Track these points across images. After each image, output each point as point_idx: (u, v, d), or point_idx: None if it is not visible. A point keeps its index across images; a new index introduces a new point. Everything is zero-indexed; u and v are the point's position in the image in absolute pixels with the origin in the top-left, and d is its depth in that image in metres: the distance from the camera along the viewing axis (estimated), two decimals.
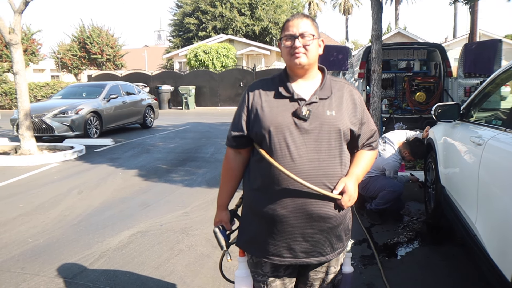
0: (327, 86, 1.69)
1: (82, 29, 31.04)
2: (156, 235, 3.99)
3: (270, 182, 1.63)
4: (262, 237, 1.71)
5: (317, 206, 1.62)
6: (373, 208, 4.28)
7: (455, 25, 33.71)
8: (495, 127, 2.57)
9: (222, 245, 1.82)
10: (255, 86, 1.74)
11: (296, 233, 1.66)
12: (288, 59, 1.67)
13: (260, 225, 1.71)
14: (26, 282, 3.09)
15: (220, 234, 1.83)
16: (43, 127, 9.73)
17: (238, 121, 1.73)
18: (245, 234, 1.80)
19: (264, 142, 1.64)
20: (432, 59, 8.35)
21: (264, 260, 1.74)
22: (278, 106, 1.65)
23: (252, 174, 1.73)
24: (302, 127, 1.61)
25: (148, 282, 3.09)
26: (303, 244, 1.68)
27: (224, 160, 1.85)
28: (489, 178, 2.38)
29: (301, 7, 40.56)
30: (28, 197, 5.39)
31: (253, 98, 1.70)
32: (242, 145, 1.75)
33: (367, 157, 1.79)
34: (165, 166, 7.10)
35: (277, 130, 1.61)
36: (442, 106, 3.41)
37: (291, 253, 1.69)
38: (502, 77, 3.00)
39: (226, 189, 1.86)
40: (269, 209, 1.65)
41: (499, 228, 2.14)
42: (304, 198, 1.61)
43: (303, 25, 1.64)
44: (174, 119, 15.42)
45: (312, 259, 1.72)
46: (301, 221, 1.64)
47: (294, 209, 1.62)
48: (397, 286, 2.98)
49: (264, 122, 1.63)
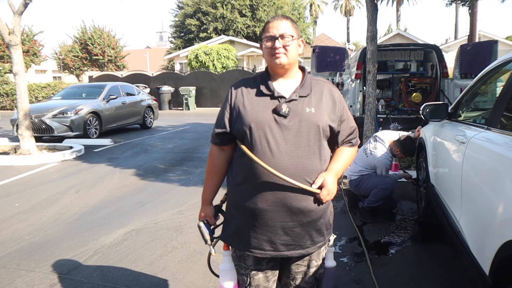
0: (307, 84, 1.75)
1: (83, 30, 31.15)
2: (150, 232, 4.05)
3: (251, 177, 1.69)
4: (244, 231, 1.76)
5: (296, 200, 1.68)
6: (366, 206, 4.33)
7: (456, 26, 33.79)
8: (479, 126, 2.62)
9: (206, 239, 1.89)
10: (238, 85, 1.80)
11: (276, 227, 1.71)
12: (269, 59, 1.73)
13: (242, 219, 1.76)
14: (21, 278, 3.15)
15: (204, 229, 1.90)
16: (43, 127, 9.80)
17: (221, 118, 1.79)
18: (228, 228, 1.85)
19: (246, 138, 1.70)
20: (429, 60, 8.40)
21: (247, 253, 1.79)
22: (259, 104, 1.70)
23: (235, 170, 1.79)
24: (282, 123, 1.66)
25: (140, 277, 3.14)
26: (284, 237, 1.73)
27: (208, 157, 1.91)
28: (471, 175, 2.43)
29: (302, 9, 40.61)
30: (26, 195, 5.46)
31: (236, 96, 1.76)
32: (225, 142, 1.81)
33: (346, 153, 1.84)
34: (162, 166, 7.17)
35: (257, 127, 1.66)
36: (430, 106, 3.45)
37: (272, 246, 1.74)
38: (489, 76, 3.05)
39: (210, 184, 1.92)
40: (250, 203, 1.70)
41: (479, 224, 2.19)
42: (283, 192, 1.66)
43: (282, 26, 1.70)
44: (174, 120, 15.49)
45: (292, 251, 1.77)
46: (281, 214, 1.69)
47: (274, 203, 1.67)
48: (386, 283, 3.03)
49: (245, 119, 1.69)
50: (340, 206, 4.72)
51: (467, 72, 7.68)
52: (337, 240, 3.80)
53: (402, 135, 4.51)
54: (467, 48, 7.87)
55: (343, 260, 3.40)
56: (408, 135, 4.48)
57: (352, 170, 4.47)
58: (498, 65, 2.77)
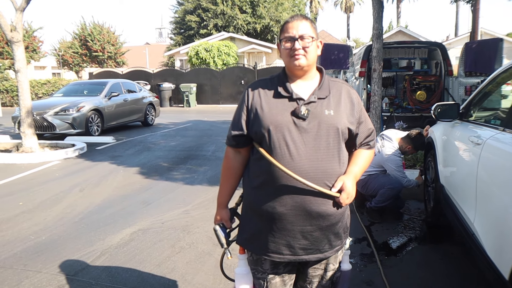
0: (325, 86, 1.72)
1: (83, 27, 30.99)
2: (157, 232, 4.02)
3: (270, 180, 1.66)
4: (262, 235, 1.74)
5: (316, 204, 1.65)
6: (373, 206, 4.30)
7: (457, 23, 33.72)
8: (494, 126, 2.59)
9: (222, 242, 1.85)
10: (255, 86, 1.77)
11: (295, 231, 1.68)
12: (288, 60, 1.69)
13: (259, 223, 1.74)
14: (29, 279, 3.13)
15: (220, 232, 1.87)
16: (45, 125, 9.76)
17: (238, 120, 1.76)
18: (245, 232, 1.82)
19: (264, 141, 1.67)
20: (433, 57, 8.36)
21: (264, 257, 1.77)
22: (277, 106, 1.67)
23: (252, 173, 1.76)
24: (301, 126, 1.63)
25: (149, 279, 3.12)
26: (302, 241, 1.70)
27: (224, 159, 1.87)
28: (487, 178, 2.40)
29: (302, 5, 40.48)
30: (29, 194, 5.43)
31: (253, 97, 1.73)
32: (242, 144, 1.78)
33: (364, 156, 1.81)
34: (166, 164, 7.13)
35: (276, 129, 1.64)
36: (442, 106, 3.42)
37: (290, 250, 1.72)
38: (502, 76, 3.02)
39: (226, 187, 1.89)
40: (269, 207, 1.68)
41: (496, 227, 2.16)
42: (303, 195, 1.64)
43: (302, 27, 1.66)
44: (175, 117, 15.44)
45: (310, 256, 1.74)
46: (300, 218, 1.67)
47: (293, 206, 1.65)
48: (396, 284, 3.00)
49: (263, 121, 1.66)
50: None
51: (471, 70, 7.64)
52: None
53: (412, 131, 4.48)
54: (472, 46, 7.82)
55: (352, 261, 3.37)
56: (419, 132, 4.46)
57: None
58: None
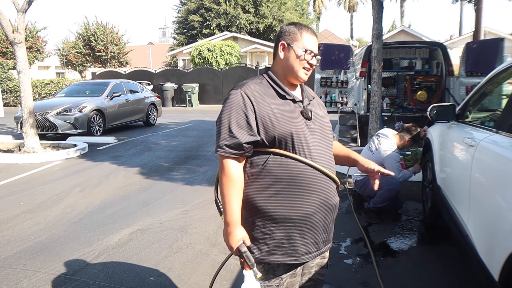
0: (307, 89, 1.86)
1: (86, 26, 31.13)
2: (155, 233, 4.05)
3: (294, 183, 1.64)
4: (291, 241, 1.69)
5: (334, 197, 1.77)
6: (371, 207, 4.31)
7: (461, 23, 33.54)
8: (488, 128, 2.59)
9: (253, 262, 1.68)
10: (251, 90, 1.67)
11: (319, 227, 1.74)
12: (298, 70, 1.71)
13: (287, 230, 1.68)
14: (28, 279, 3.16)
15: (248, 253, 1.69)
16: (47, 125, 9.82)
17: (246, 125, 1.62)
18: (265, 244, 1.72)
19: (285, 145, 1.64)
20: (434, 57, 8.35)
21: (295, 262, 1.73)
22: (287, 109, 1.67)
23: (264, 182, 1.66)
24: (310, 127, 1.70)
25: (146, 279, 3.14)
26: (323, 235, 1.78)
27: (224, 174, 1.65)
28: (480, 179, 2.41)
29: (306, 4, 40.42)
30: (30, 194, 5.47)
31: (257, 102, 1.64)
32: (249, 151, 1.66)
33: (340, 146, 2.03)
34: (166, 164, 7.16)
35: (297, 132, 1.65)
36: (438, 107, 3.42)
37: (316, 246, 1.76)
38: (498, 78, 3.02)
39: (236, 203, 1.67)
40: (297, 210, 1.66)
41: (488, 228, 2.17)
42: (327, 192, 1.72)
43: (316, 45, 1.76)
44: (177, 117, 15.49)
45: (326, 247, 1.84)
46: (325, 213, 1.74)
47: (321, 204, 1.70)
48: (392, 285, 3.01)
49: (283, 125, 1.63)
50: (345, 206, 4.71)
51: (473, 70, 7.63)
52: (342, 241, 3.79)
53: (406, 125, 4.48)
54: (473, 46, 7.81)
55: (349, 261, 3.39)
56: (411, 124, 4.47)
57: (357, 170, 4.43)
58: (508, 66, 2.74)
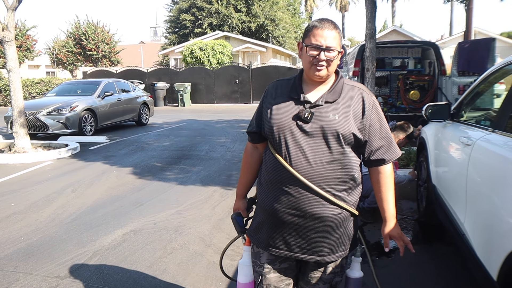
0: (337, 89, 1.69)
1: (77, 25, 30.81)
2: (149, 233, 4.00)
3: (271, 177, 1.73)
4: (263, 228, 1.81)
5: (309, 205, 1.66)
6: (366, 207, 4.31)
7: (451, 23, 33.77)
8: (484, 127, 2.59)
9: (238, 230, 2.00)
10: (273, 85, 1.83)
11: (290, 228, 1.73)
12: (308, 67, 1.67)
13: (263, 216, 1.82)
14: (19, 281, 3.10)
15: (236, 221, 2.00)
16: (38, 125, 9.70)
17: (253, 118, 1.88)
18: (253, 223, 1.92)
19: (269, 140, 1.76)
20: (427, 57, 8.39)
21: (262, 250, 1.83)
22: (284, 107, 1.71)
23: (262, 168, 1.86)
24: (303, 128, 1.65)
25: (140, 280, 3.10)
26: (298, 239, 1.74)
27: (244, 153, 2.01)
28: (477, 178, 2.41)
29: (297, 4, 40.50)
30: (22, 195, 5.39)
31: (267, 97, 1.80)
32: (256, 140, 1.88)
33: (383, 179, 1.75)
34: (159, 164, 7.11)
35: (279, 130, 1.69)
36: (433, 106, 3.43)
37: (286, 246, 1.77)
38: (493, 77, 3.03)
39: (243, 180, 2.01)
40: (268, 202, 1.75)
41: (485, 228, 2.17)
42: (298, 196, 1.67)
43: (331, 38, 1.62)
44: (170, 116, 15.40)
45: (307, 256, 1.76)
46: (295, 218, 1.70)
47: (288, 205, 1.69)
48: (388, 284, 3.01)
49: (269, 121, 1.72)
50: None
51: (464, 70, 7.68)
52: None
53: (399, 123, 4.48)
54: (465, 46, 7.87)
55: None
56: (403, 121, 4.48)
57: None
58: (503, 65, 2.74)
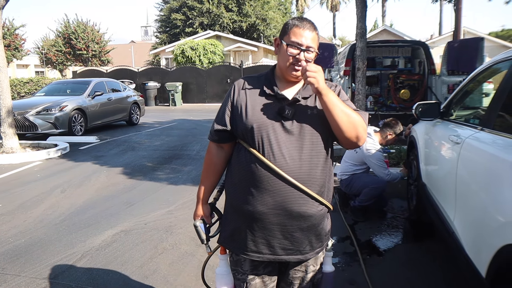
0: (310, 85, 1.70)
1: (66, 24, 30.51)
2: (140, 234, 3.97)
3: (250, 178, 1.65)
4: (242, 233, 1.72)
5: (297, 204, 1.63)
6: (357, 205, 4.32)
7: (441, 22, 34.04)
8: (473, 126, 2.61)
9: (202, 238, 1.87)
10: (241, 82, 1.76)
11: (275, 230, 1.67)
12: (286, 66, 1.66)
13: (239, 221, 1.72)
14: (7, 283, 3.06)
15: (200, 228, 1.88)
16: (26, 125, 9.58)
17: (222, 115, 1.75)
18: (226, 230, 1.81)
19: (247, 139, 1.66)
20: (417, 56, 8.45)
21: (244, 257, 1.75)
22: (261, 105, 1.67)
23: (233, 169, 1.75)
24: (285, 126, 1.63)
25: (130, 281, 3.08)
26: (283, 241, 1.69)
27: (206, 154, 1.87)
28: (466, 176, 2.43)
29: (288, 3, 40.52)
30: (10, 196, 5.32)
31: (239, 94, 1.73)
32: (224, 140, 1.77)
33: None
34: (150, 164, 7.06)
35: (259, 128, 1.63)
36: (423, 105, 3.45)
37: (270, 249, 1.70)
38: (481, 76, 3.05)
39: (206, 183, 1.88)
40: (249, 205, 1.66)
41: (475, 225, 2.18)
42: (284, 195, 1.62)
43: (311, 38, 1.63)
44: (161, 116, 15.32)
45: (290, 256, 1.73)
46: (281, 218, 1.65)
47: (274, 206, 1.63)
48: (379, 283, 3.02)
49: (247, 119, 1.65)
50: None
51: (454, 69, 7.75)
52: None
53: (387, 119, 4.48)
54: (454, 45, 7.94)
55: (335, 260, 3.38)
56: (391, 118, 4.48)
57: (342, 169, 4.44)
58: (491, 64, 2.77)
